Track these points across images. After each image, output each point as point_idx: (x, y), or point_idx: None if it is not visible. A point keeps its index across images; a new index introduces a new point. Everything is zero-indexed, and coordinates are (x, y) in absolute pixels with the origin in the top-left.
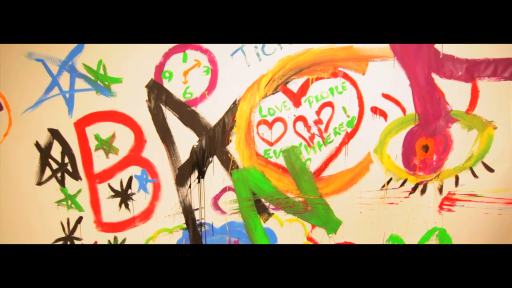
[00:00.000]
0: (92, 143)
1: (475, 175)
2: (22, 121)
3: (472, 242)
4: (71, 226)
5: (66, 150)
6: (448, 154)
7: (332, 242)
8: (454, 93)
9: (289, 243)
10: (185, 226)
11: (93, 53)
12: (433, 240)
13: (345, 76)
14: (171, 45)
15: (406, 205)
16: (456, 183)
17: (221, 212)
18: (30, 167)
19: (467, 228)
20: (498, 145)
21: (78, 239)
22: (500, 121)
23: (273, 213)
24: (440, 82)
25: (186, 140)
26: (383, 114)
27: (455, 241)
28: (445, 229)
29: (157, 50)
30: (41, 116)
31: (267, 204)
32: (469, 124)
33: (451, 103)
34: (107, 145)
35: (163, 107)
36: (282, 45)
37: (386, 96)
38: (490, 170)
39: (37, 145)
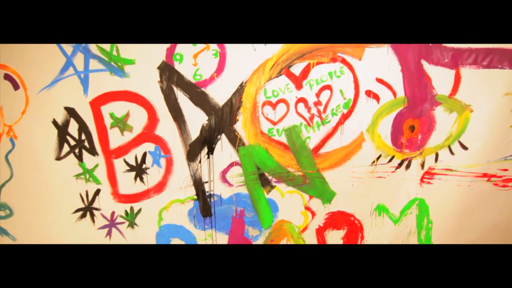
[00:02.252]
0: (108, 121)
1: (452, 152)
2: (38, 100)
3: (446, 209)
4: (90, 198)
5: (83, 127)
6: (431, 134)
7: (327, 210)
8: (440, 78)
9: (289, 212)
10: (195, 197)
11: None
12: (413, 209)
13: (343, 61)
14: None
15: (392, 178)
16: (436, 159)
17: (228, 185)
18: (49, 143)
19: (442, 198)
20: (473, 126)
21: (97, 209)
22: (476, 104)
23: (275, 186)
24: (428, 68)
25: (196, 119)
26: (376, 97)
27: (432, 209)
28: (424, 199)
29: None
30: (57, 95)
31: (270, 177)
32: (450, 107)
33: (436, 87)
34: (122, 123)
35: (175, 88)
36: None
37: (379, 80)
38: (465, 148)
39: (54, 122)
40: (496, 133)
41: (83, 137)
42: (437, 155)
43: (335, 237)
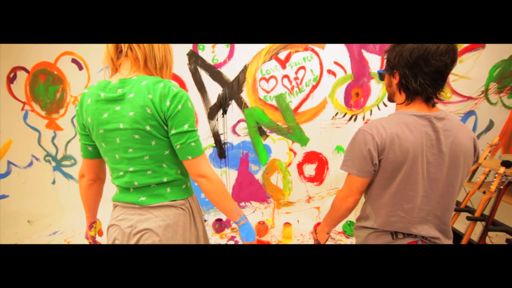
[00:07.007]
0: None
1: (379, 109)
2: (97, 78)
3: None
4: None
5: None
6: (368, 98)
7: (303, 151)
8: (373, 61)
9: (279, 153)
10: (214, 145)
11: None
12: None
13: (312, 50)
14: None
15: (346, 127)
16: (371, 113)
17: (237, 135)
18: None
19: None
20: None
21: None
22: None
23: (269, 135)
24: (366, 55)
25: (214, 90)
26: (334, 74)
27: None
28: None
29: None
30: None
31: (265, 129)
32: (378, 80)
33: (371, 67)
34: None
35: (199, 68)
36: None
37: (336, 63)
38: (385, 105)
39: None
40: None
41: None
42: (371, 111)
43: (310, 169)
